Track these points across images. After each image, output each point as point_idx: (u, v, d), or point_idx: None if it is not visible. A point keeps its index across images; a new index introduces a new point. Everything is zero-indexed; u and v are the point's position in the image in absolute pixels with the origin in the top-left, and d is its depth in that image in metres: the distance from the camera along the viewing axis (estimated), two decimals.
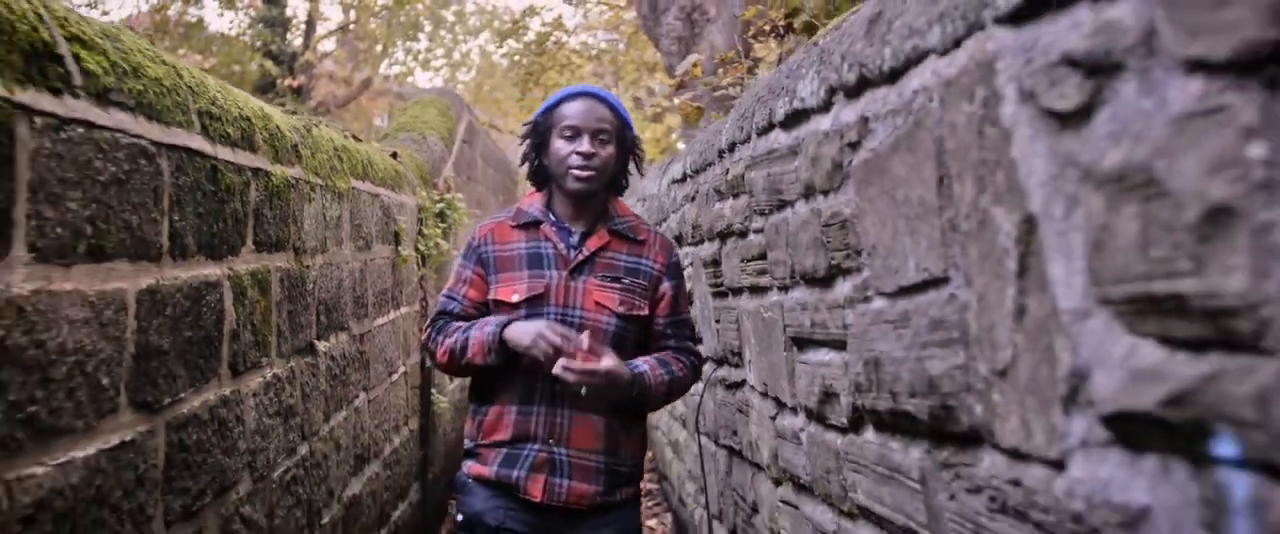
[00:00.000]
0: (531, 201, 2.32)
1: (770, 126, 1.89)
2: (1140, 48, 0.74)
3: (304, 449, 2.61)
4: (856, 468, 1.47)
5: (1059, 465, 0.88)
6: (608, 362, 2.03)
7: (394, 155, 4.09)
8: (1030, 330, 0.92)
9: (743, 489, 2.49)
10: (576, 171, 2.16)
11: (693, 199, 2.96)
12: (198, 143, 1.89)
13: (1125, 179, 0.76)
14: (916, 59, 1.14)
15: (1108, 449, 0.81)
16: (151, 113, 1.70)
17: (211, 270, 1.97)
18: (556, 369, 1.99)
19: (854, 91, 1.36)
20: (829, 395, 1.57)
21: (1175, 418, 0.72)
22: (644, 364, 2.15)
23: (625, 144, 2.27)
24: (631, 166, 2.33)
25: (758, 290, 2.11)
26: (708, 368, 2.85)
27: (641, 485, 2.35)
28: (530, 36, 12.81)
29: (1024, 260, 0.92)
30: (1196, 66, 0.68)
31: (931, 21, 1.09)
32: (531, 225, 2.26)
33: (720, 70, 4.10)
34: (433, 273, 4.49)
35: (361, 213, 3.25)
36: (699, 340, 2.81)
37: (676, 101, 4.62)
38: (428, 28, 16.77)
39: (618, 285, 2.21)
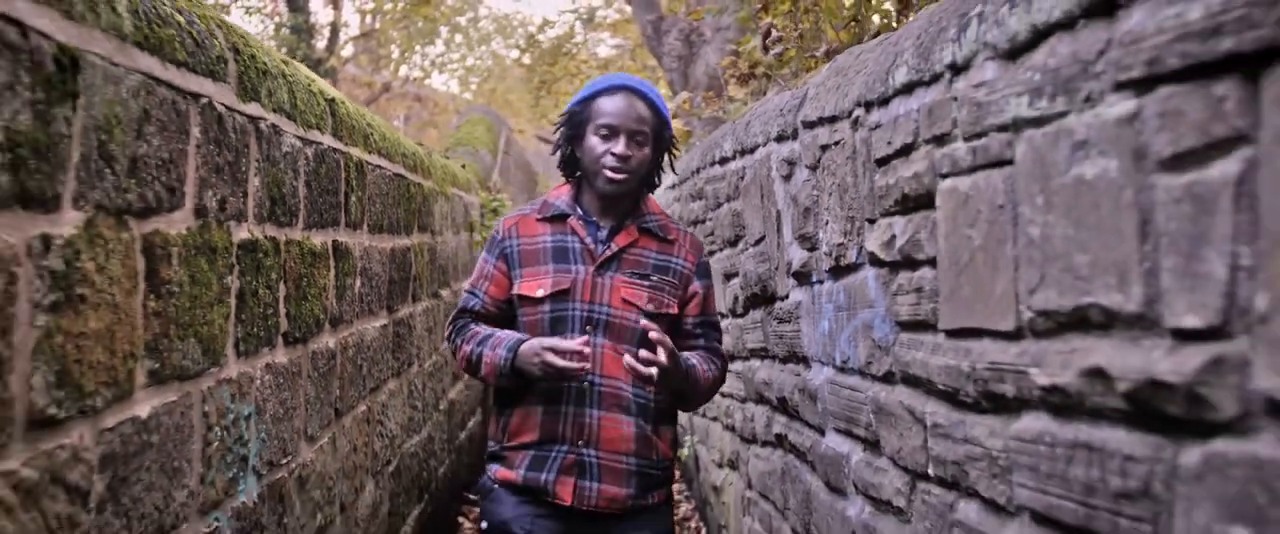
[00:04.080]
0: (559, 194, 2.35)
1: (715, 162, 3.66)
2: (801, 159, 2.51)
3: (434, 357, 4.39)
4: (745, 331, 3.25)
5: (787, 297, 2.66)
6: (667, 347, 2.07)
7: (463, 166, 5.87)
8: (780, 249, 2.69)
9: None
10: (609, 174, 2.19)
11: (679, 199, 4.73)
12: (401, 170, 3.66)
13: (796, 200, 2.53)
14: (757, 146, 2.91)
15: (794, 287, 2.58)
16: (389, 155, 3.46)
17: (406, 241, 3.74)
18: (627, 362, 2.07)
19: (740, 153, 3.14)
20: (737, 299, 3.35)
21: (804, 271, 2.49)
22: (692, 358, 2.25)
23: (662, 143, 2.29)
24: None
25: (711, 254, 3.88)
26: None
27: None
28: (545, 45, 14.51)
29: (779, 226, 2.69)
30: (806, 167, 2.46)
31: (759, 132, 2.86)
32: (558, 218, 2.30)
33: (702, 103, 5.86)
34: None
35: (455, 209, 5.03)
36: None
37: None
38: (444, 34, 18.36)
39: (646, 282, 2.25)
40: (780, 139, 2.65)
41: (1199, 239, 0.96)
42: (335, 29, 17.44)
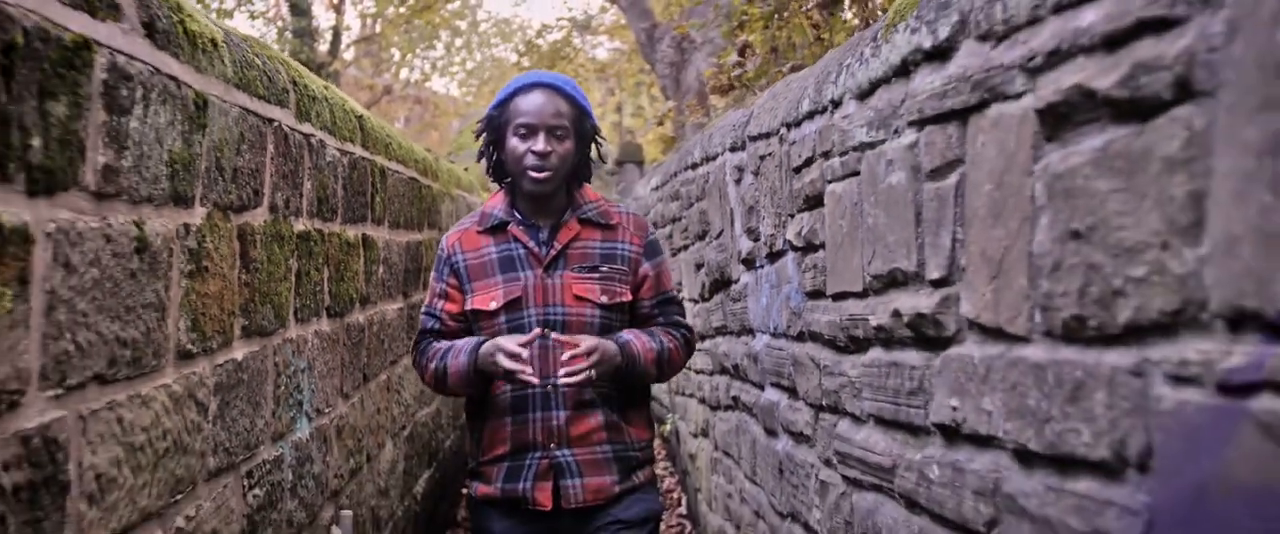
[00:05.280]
0: (494, 204, 2.39)
1: (688, 167, 4.26)
2: (748, 166, 3.11)
3: None
4: (711, 313, 3.85)
5: (738, 280, 3.25)
6: (587, 342, 2.14)
7: (466, 169, 6.47)
8: (733, 241, 3.29)
9: None
10: (532, 173, 2.21)
11: (662, 200, 5.33)
12: (414, 174, 4.26)
13: (744, 200, 3.13)
14: (717, 154, 3.51)
15: (743, 271, 3.18)
16: (404, 161, 4.06)
17: (418, 235, 4.34)
18: (561, 382, 2.13)
19: (706, 160, 3.74)
20: (704, 285, 3.95)
21: (750, 258, 3.08)
22: (627, 333, 2.29)
23: (585, 135, 2.31)
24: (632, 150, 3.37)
25: (686, 247, 4.48)
26: None
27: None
28: (543, 49, 15.11)
29: (732, 221, 3.29)
30: (751, 173, 3.06)
31: (719, 143, 3.46)
32: (498, 228, 2.32)
33: (687, 111, 6.46)
34: None
35: (459, 208, 5.63)
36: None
37: (660, 129, 6.98)
38: (444, 37, 18.94)
39: (595, 275, 2.28)
40: (733, 149, 3.25)
41: (940, 223, 1.56)
42: (337, 33, 18.01)
